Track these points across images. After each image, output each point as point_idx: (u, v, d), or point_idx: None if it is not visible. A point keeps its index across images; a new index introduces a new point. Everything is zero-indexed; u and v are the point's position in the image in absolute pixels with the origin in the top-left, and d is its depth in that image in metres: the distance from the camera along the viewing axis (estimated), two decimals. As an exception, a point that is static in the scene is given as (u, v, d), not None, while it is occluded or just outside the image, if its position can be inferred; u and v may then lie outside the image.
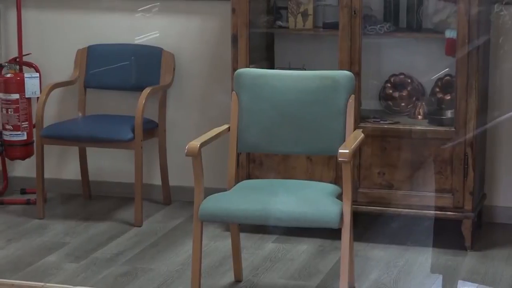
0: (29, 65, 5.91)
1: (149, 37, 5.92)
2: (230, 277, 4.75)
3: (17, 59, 5.90)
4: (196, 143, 4.33)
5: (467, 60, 5.04)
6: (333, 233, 4.43)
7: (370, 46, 5.36)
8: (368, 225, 5.28)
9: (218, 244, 5.15)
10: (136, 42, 5.92)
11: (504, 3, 5.32)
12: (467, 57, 5.04)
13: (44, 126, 5.65)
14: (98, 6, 5.98)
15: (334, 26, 5.30)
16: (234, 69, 5.09)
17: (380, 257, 5.04)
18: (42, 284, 3.88)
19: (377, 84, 5.50)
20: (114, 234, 5.42)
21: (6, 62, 5.89)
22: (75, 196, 6.03)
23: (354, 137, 4.43)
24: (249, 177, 5.28)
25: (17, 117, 5.75)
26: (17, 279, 4.18)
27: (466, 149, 5.09)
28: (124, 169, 5.79)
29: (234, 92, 4.64)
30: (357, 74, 5.03)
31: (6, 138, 5.80)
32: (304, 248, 5.16)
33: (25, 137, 5.79)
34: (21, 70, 5.86)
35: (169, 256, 5.07)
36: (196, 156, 4.30)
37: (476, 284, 4.74)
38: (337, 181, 4.95)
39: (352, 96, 4.50)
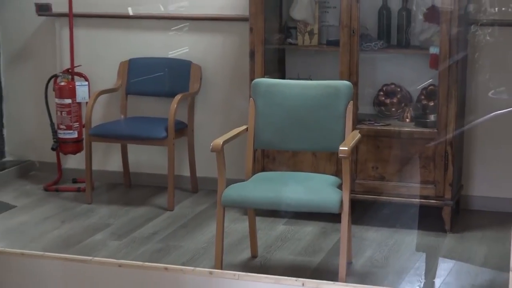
0: (80, 75, 5.93)
1: (180, 52, 5.92)
2: (247, 254, 4.77)
3: (70, 70, 5.92)
4: (219, 141, 4.35)
5: (448, 73, 5.03)
6: (334, 217, 4.43)
7: (366, 60, 5.35)
8: (364, 210, 5.27)
9: (237, 226, 5.16)
10: (169, 56, 5.92)
11: (479, 24, 5.31)
12: (448, 70, 5.03)
13: (92, 126, 5.66)
14: (138, 26, 6.00)
15: (336, 43, 5.29)
16: (251, 79, 5.10)
17: (373, 237, 5.05)
18: (90, 258, 3.89)
19: (371, 92, 5.49)
20: (150, 217, 5.43)
21: (61, 72, 5.91)
22: (118, 185, 6.05)
23: (352, 137, 4.45)
24: (263, 169, 5.28)
25: (70, 118, 5.78)
26: (69, 254, 4.19)
27: (447, 147, 5.08)
28: (159, 162, 5.80)
29: (251, 98, 4.65)
30: (355, 84, 5.03)
31: (60, 136, 5.82)
32: (309, 229, 5.16)
33: (76, 135, 5.81)
34: (72, 79, 5.88)
35: (196, 236, 5.09)
36: (219, 151, 4.32)
37: (454, 261, 4.74)
38: (337, 173, 4.95)
39: (351, 102, 4.51)
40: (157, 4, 5.99)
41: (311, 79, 5.29)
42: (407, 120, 5.33)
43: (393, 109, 5.44)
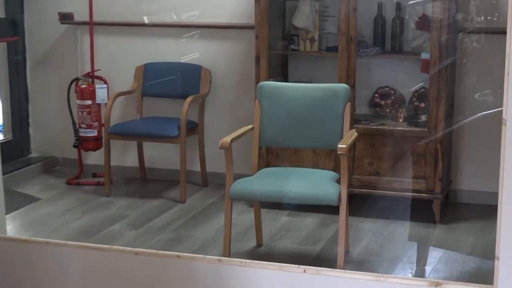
0: (99, 78, 5.93)
1: (191, 57, 5.92)
2: (253, 242, 4.77)
3: (90, 74, 5.92)
4: (227, 139, 4.35)
5: (438, 76, 5.03)
6: (332, 209, 4.43)
7: (362, 65, 5.35)
8: (360, 203, 5.27)
9: (244, 217, 5.16)
10: (181, 61, 5.92)
11: (466, 32, 5.30)
12: (438, 74, 5.02)
13: (110, 125, 5.66)
14: (153, 33, 6.00)
15: (334, 49, 5.29)
16: (257, 82, 5.11)
17: (369, 228, 5.04)
18: (109, 246, 3.90)
19: (367, 94, 5.49)
20: (164, 208, 5.44)
21: (82, 76, 5.92)
22: (134, 179, 6.05)
23: (350, 135, 4.44)
24: (268, 165, 5.28)
25: (90, 118, 5.78)
26: (89, 243, 4.20)
27: (437, 145, 5.08)
28: (172, 158, 5.80)
29: (257, 99, 4.65)
30: (352, 86, 5.03)
31: (81, 134, 5.83)
32: (310, 220, 5.16)
33: (95, 134, 5.82)
34: (93, 82, 5.88)
35: (206, 226, 5.09)
36: (227, 149, 4.32)
37: (443, 250, 4.73)
38: (336, 169, 4.95)
39: (348, 104, 4.50)
40: (170, 13, 6.00)
41: (311, 82, 5.29)
42: (400, 120, 5.32)
43: (387, 110, 5.43)
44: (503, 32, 3.21)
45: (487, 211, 5.18)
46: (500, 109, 3.20)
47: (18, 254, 3.88)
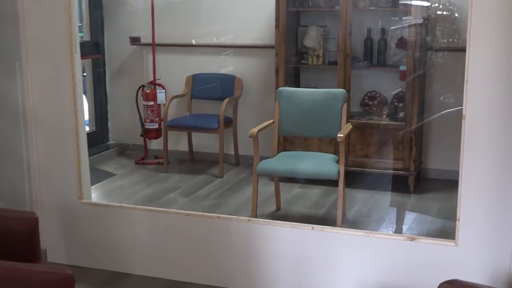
0: (159, 85, 5.93)
1: (227, 69, 5.91)
2: (273, 207, 4.75)
3: (152, 82, 5.92)
4: (254, 130, 4.34)
5: (412, 83, 4.99)
6: (333, 183, 4.41)
7: (356, 75, 5.31)
8: (354, 178, 5.24)
9: (266, 188, 5.14)
10: (220, 72, 5.91)
11: (434, 50, 5.26)
12: (412, 82, 4.99)
13: (168, 120, 5.66)
14: (199, 51, 5.98)
15: (334, 63, 5.25)
16: (277, 87, 5.08)
17: (360, 197, 5.01)
18: (167, 209, 3.91)
19: (359, 97, 5.45)
20: (207, 182, 5.43)
21: (146, 83, 5.91)
22: (185, 160, 6.04)
23: (346, 127, 4.42)
24: (285, 149, 5.26)
25: (152, 114, 5.78)
26: (152, 207, 4.20)
27: (411, 135, 5.04)
28: (213, 144, 5.80)
29: (276, 101, 4.63)
30: (348, 91, 4.97)
31: (146, 126, 5.82)
32: (316, 191, 5.14)
33: (157, 126, 5.81)
34: (154, 88, 5.88)
35: (238, 195, 5.08)
36: (254, 137, 4.31)
37: (416, 213, 4.70)
38: (335, 152, 4.92)
39: (345, 104, 4.47)
40: (211, 37, 5.99)
41: (317, 88, 5.27)
42: (384, 116, 5.28)
43: (374, 108, 5.39)
44: (462, 50, 3.19)
45: (450, 184, 5.11)
46: (459, 107, 3.18)
47: (100, 215, 3.90)
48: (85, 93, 6.12)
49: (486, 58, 3.00)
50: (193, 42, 6.01)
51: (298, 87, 5.51)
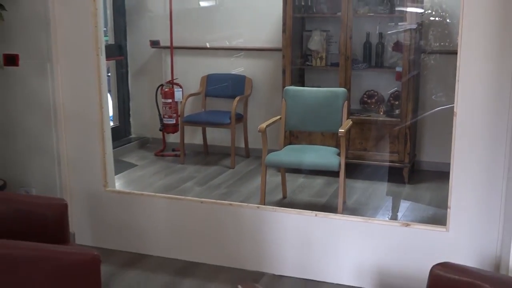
0: (177, 84, 5.93)
1: (238, 70, 5.90)
2: (280, 195, 4.74)
3: (170, 81, 5.92)
4: (263, 125, 4.33)
5: (407, 83, 4.96)
6: (334, 174, 4.40)
7: (355, 75, 5.30)
8: (353, 169, 5.23)
9: (274, 178, 5.14)
10: (232, 72, 5.90)
11: (427, 53, 5.23)
12: (407, 82, 4.96)
13: (184, 116, 5.65)
14: (213, 54, 5.98)
15: (336, 65, 5.23)
16: (283, 87, 5.06)
17: (359, 187, 5.00)
18: (183, 197, 3.90)
19: (359, 95, 5.43)
20: (220, 172, 5.43)
21: (165, 83, 5.91)
22: (200, 152, 6.04)
23: (347, 123, 4.40)
24: (291, 143, 5.25)
25: (170, 111, 5.77)
26: (170, 194, 4.20)
27: (406, 130, 5.02)
28: (225, 138, 5.80)
29: (283, 99, 4.61)
30: (349, 90, 4.95)
31: (165, 122, 5.82)
32: (319, 181, 5.13)
33: (174, 121, 5.80)
34: (172, 87, 5.87)
35: (248, 184, 5.07)
36: (263, 132, 4.30)
37: (410, 202, 4.68)
38: (337, 146, 4.90)
39: (346, 101, 4.45)
40: (224, 41, 5.97)
41: (320, 87, 5.25)
42: (381, 113, 5.26)
43: (372, 106, 5.37)
44: (453, 53, 3.17)
45: (441, 175, 5.13)
46: (450, 105, 3.16)
47: (123, 202, 3.90)
48: (109, 91, 6.12)
49: (476, 59, 2.98)
50: (208, 45, 6.00)
51: (303, 86, 5.49)
